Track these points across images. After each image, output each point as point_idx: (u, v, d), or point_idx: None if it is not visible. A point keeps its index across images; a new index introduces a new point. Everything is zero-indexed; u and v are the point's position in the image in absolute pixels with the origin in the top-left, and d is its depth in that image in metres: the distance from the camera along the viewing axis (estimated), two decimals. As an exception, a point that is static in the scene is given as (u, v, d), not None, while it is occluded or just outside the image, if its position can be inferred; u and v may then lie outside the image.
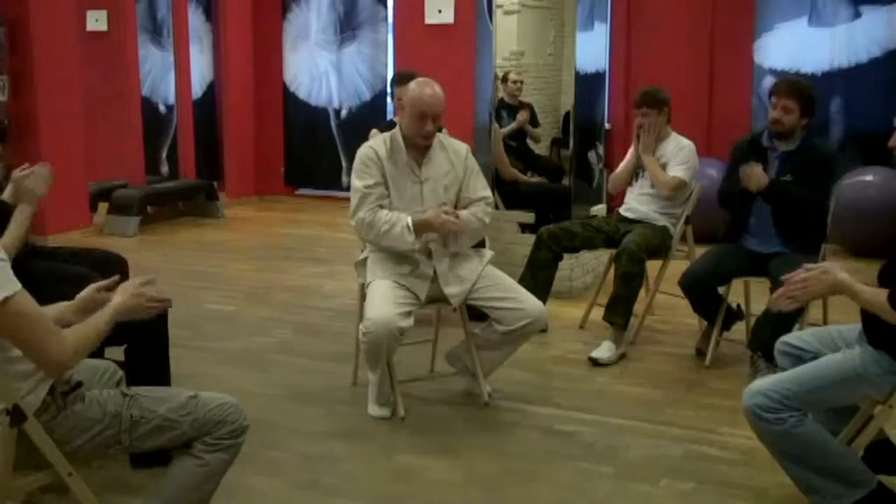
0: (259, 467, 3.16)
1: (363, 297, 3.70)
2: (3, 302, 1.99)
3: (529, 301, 3.60)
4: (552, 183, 6.30)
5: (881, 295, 2.53)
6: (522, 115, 6.28)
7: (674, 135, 4.71)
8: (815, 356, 2.80)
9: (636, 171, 4.78)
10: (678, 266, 4.53)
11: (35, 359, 2.11)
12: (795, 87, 4.02)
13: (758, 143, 4.14)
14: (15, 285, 2.02)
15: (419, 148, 3.65)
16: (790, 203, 4.00)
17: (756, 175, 3.96)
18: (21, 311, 2.03)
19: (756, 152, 4.11)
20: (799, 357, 2.86)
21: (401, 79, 4.93)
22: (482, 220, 3.71)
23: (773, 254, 4.02)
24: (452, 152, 3.73)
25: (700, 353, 4.40)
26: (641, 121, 4.68)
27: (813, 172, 4.00)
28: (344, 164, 9.30)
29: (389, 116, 6.73)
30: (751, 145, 4.18)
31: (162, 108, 9.19)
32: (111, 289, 2.34)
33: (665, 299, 5.00)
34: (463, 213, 3.64)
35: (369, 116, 8.85)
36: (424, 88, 3.57)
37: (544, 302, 4.19)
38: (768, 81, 7.16)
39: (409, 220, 3.54)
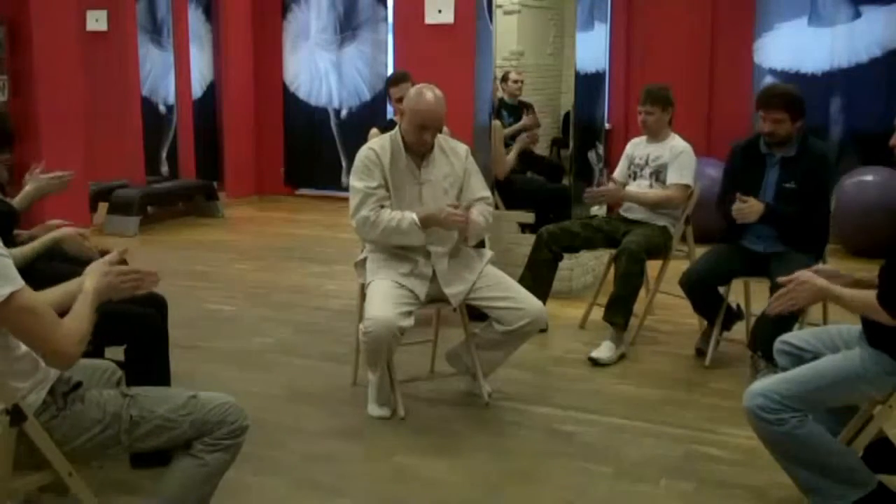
0: (259, 467, 3.16)
1: (363, 297, 3.70)
2: (8, 298, 1.99)
3: (529, 301, 3.60)
4: (552, 183, 6.30)
5: (868, 295, 2.53)
6: (531, 119, 6.25)
7: (671, 136, 4.71)
8: (815, 356, 2.80)
9: (633, 171, 4.78)
10: (678, 266, 4.53)
11: (42, 352, 2.11)
12: (777, 96, 3.98)
13: (755, 149, 4.12)
14: (18, 281, 2.03)
15: (419, 150, 3.65)
16: (789, 223, 4.01)
17: (751, 210, 3.96)
18: (26, 305, 2.03)
19: (753, 158, 4.10)
20: (799, 357, 2.86)
21: (395, 79, 4.94)
22: (487, 219, 3.71)
23: (774, 253, 4.02)
24: (452, 154, 3.73)
25: (700, 353, 4.40)
26: (644, 118, 4.67)
27: (815, 176, 3.99)
28: (344, 164, 9.31)
29: (389, 116, 6.73)
30: (747, 151, 4.17)
31: (162, 108, 9.19)
32: (121, 263, 2.31)
33: (665, 299, 5.00)
34: (472, 211, 3.64)
35: (369, 116, 8.86)
36: (425, 99, 3.54)
37: (544, 302, 4.19)
38: (768, 81, 7.18)
39: (415, 216, 3.55)
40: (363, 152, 3.67)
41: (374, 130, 4.81)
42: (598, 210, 5.62)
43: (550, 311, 4.45)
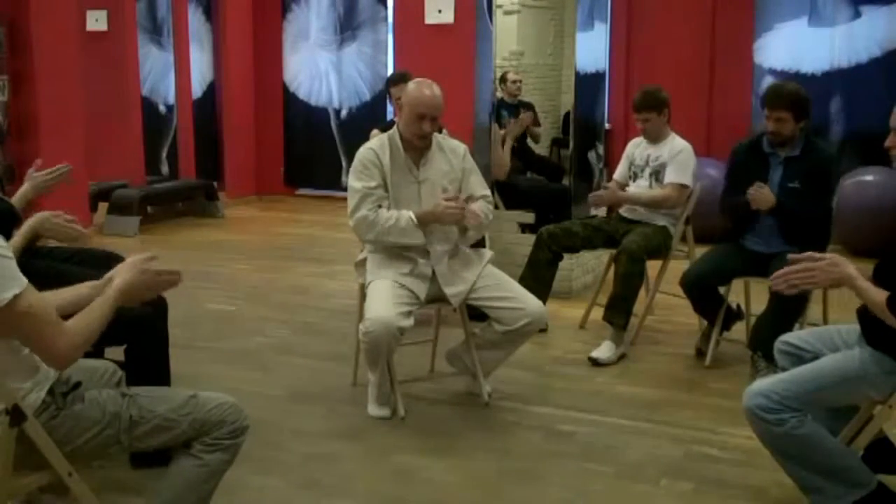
0: (259, 467, 3.16)
1: (363, 297, 3.70)
2: (12, 300, 1.97)
3: (529, 301, 3.60)
4: (552, 183, 6.30)
5: (878, 295, 2.53)
6: (527, 117, 6.24)
7: (671, 135, 4.70)
8: (816, 356, 2.80)
9: (634, 172, 4.78)
10: (678, 266, 4.53)
11: (42, 353, 2.10)
12: (783, 96, 3.99)
13: (758, 148, 4.13)
14: (23, 281, 2.01)
15: (417, 149, 3.65)
16: (797, 219, 4.01)
17: (766, 198, 3.97)
18: (30, 307, 2.01)
19: (756, 157, 4.11)
20: (799, 357, 2.86)
21: (397, 79, 4.94)
22: (487, 216, 3.71)
23: (775, 253, 4.02)
24: (451, 153, 3.74)
25: (700, 353, 4.40)
26: (642, 125, 4.67)
27: (818, 177, 4.00)
28: (344, 164, 9.31)
29: (389, 116, 6.73)
30: (750, 150, 4.17)
31: (162, 108, 9.19)
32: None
33: (665, 299, 5.00)
34: (473, 205, 3.64)
35: (369, 116, 8.86)
36: (423, 89, 3.57)
37: (544, 302, 4.19)
38: (768, 81, 7.17)
39: (412, 214, 3.55)
40: (362, 152, 3.67)
41: (375, 131, 4.80)
42: (598, 210, 5.62)
43: (550, 311, 4.45)
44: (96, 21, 8.49)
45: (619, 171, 4.88)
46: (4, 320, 2.00)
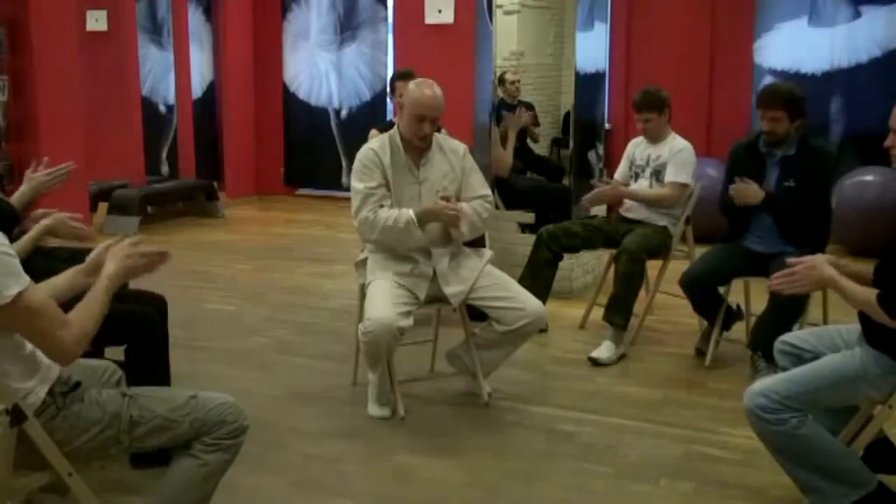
0: (259, 467, 3.16)
1: (363, 297, 3.70)
2: (16, 297, 1.99)
3: (529, 301, 3.60)
4: (552, 183, 6.30)
5: (870, 294, 2.53)
6: (526, 116, 6.23)
7: (672, 135, 4.71)
8: (816, 356, 2.80)
9: (634, 172, 4.78)
10: (678, 266, 4.53)
11: (49, 349, 2.11)
12: (776, 95, 4.00)
13: (755, 149, 4.13)
14: (25, 279, 2.03)
15: (417, 149, 3.65)
16: (788, 213, 4.01)
17: (751, 192, 3.98)
18: (33, 304, 2.03)
19: (754, 158, 4.11)
20: (799, 357, 2.87)
21: (403, 74, 4.94)
22: (480, 215, 3.70)
23: (774, 253, 4.02)
24: (451, 153, 3.73)
25: (700, 353, 4.40)
26: (644, 126, 4.66)
27: (814, 176, 4.00)
28: (344, 164, 9.31)
29: (389, 116, 6.74)
30: (748, 151, 4.18)
31: (162, 108, 9.19)
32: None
33: (665, 299, 5.00)
34: (461, 204, 3.64)
35: (369, 116, 8.86)
36: (424, 90, 3.57)
37: (544, 302, 4.20)
38: (768, 81, 7.17)
39: (412, 213, 3.55)
40: (363, 152, 3.67)
41: (373, 132, 4.81)
42: (598, 210, 5.63)
43: (550, 311, 4.45)
44: (96, 21, 8.49)
45: (620, 171, 4.88)
46: (8, 317, 2.02)
